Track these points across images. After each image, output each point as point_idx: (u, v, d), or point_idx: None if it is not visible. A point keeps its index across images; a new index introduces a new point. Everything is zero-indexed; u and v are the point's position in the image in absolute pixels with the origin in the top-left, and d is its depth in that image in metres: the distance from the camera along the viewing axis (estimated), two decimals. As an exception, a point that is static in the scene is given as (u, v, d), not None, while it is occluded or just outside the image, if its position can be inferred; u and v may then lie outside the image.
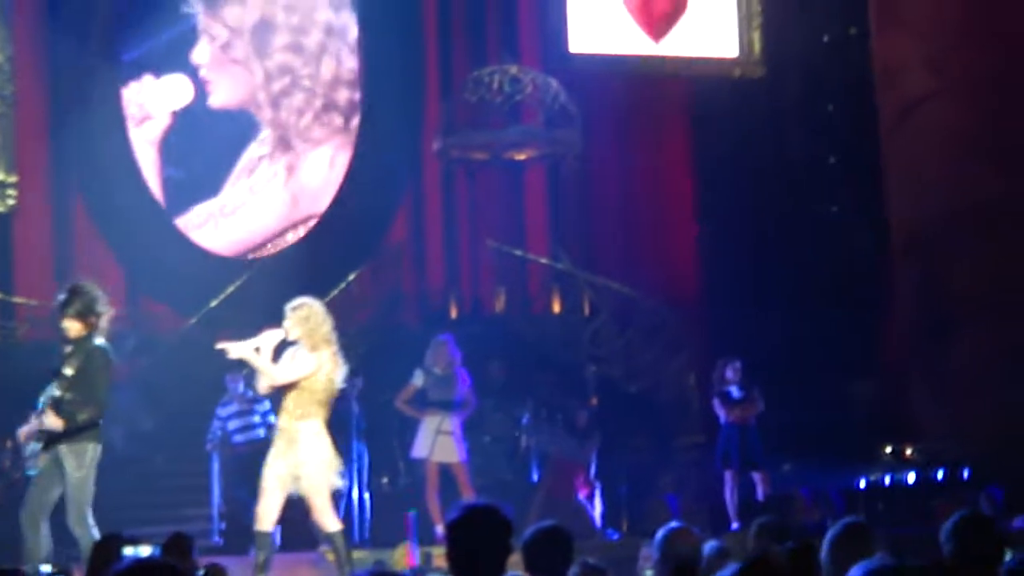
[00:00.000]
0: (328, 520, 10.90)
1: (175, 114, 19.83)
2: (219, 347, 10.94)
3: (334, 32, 20.20)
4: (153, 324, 19.12)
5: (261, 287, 13.27)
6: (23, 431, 11.30)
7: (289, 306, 11.09)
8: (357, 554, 13.75)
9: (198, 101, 19.87)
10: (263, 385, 11.06)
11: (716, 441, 15.48)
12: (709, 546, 7.31)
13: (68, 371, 10.66)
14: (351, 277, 19.05)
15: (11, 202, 19.24)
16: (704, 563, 6.97)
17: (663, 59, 20.40)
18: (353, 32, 20.21)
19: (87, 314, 10.73)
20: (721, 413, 15.38)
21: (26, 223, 19.32)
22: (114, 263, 19.37)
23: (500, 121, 18.54)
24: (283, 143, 20.15)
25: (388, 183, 20.08)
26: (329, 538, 11.01)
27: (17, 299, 18.68)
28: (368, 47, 20.13)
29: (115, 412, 16.07)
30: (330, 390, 11.05)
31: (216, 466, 15.37)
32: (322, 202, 20.20)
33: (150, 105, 19.80)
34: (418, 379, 14.82)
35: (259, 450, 12.33)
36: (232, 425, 15.55)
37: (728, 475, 15.26)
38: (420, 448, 14.72)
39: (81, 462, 10.66)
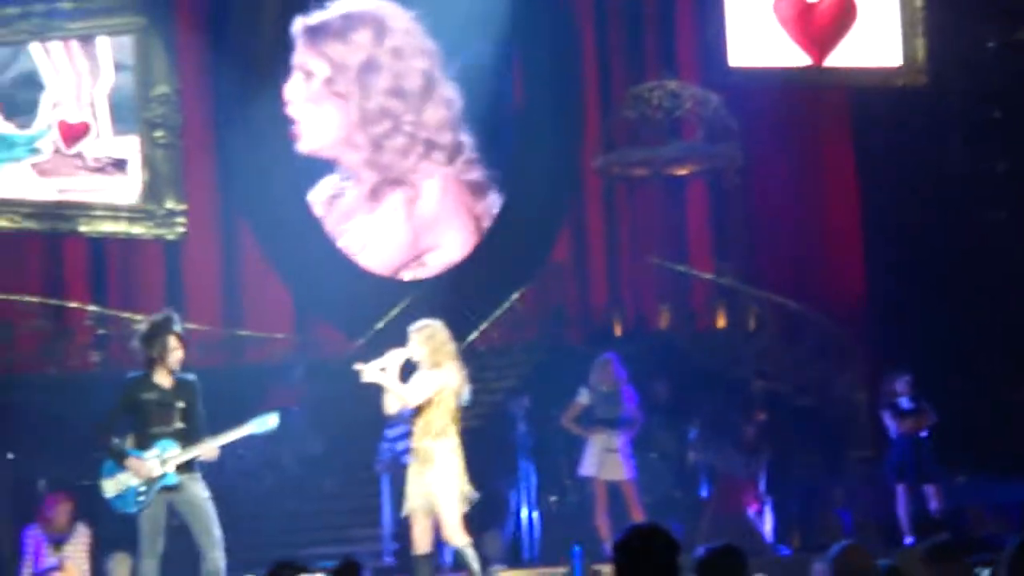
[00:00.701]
0: (456, 535, 10.92)
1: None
2: (355, 367, 11.03)
3: (435, 78, 20.28)
4: (321, 347, 19.33)
5: (426, 308, 13.34)
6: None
7: (413, 328, 11.16)
8: (526, 573, 13.80)
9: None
10: (391, 407, 11.11)
11: (887, 455, 15.26)
12: (882, 563, 7.18)
13: None
14: (515, 296, 19.09)
15: (180, 230, 19.58)
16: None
17: (824, 70, 20.19)
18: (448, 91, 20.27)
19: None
20: (892, 426, 15.16)
21: (195, 251, 19.65)
22: (281, 288, 19.62)
23: (660, 137, 18.49)
24: (389, 182, 20.29)
25: (549, 202, 20.09)
26: (458, 553, 11.01)
27: (188, 325, 18.95)
28: (527, 66, 20.17)
29: (285, 435, 16.37)
30: (457, 406, 11.07)
31: (386, 487, 15.45)
32: (441, 231, 20.28)
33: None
34: (583, 397, 14.79)
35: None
36: (401, 446, 15.61)
37: (900, 489, 15.02)
38: (588, 466, 14.68)
39: None
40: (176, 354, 10.94)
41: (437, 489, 10.85)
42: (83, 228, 19.38)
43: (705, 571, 5.96)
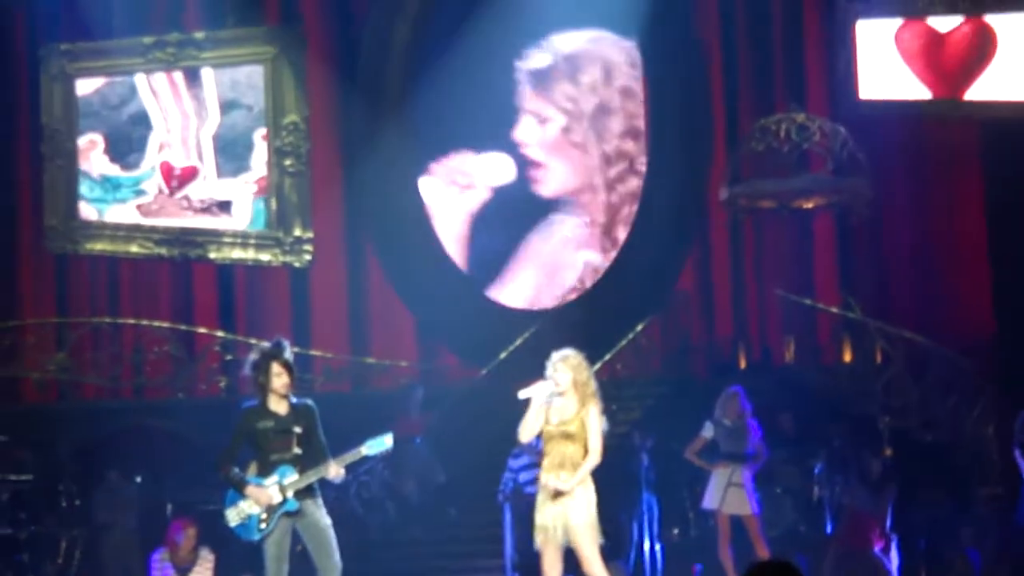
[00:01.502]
0: (597, 569, 10.87)
1: (494, 189, 20.14)
2: (521, 395, 10.99)
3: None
4: (444, 376, 19.41)
5: (551, 338, 13.35)
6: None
7: (558, 356, 11.11)
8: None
9: (518, 180, 20.18)
10: (528, 434, 11.06)
11: (1020, 494, 15.00)
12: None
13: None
14: (639, 327, 19.05)
15: (307, 258, 19.76)
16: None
17: (955, 103, 19.95)
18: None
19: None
20: (1022, 463, 14.91)
21: (321, 278, 19.82)
22: (406, 315, 19.73)
23: (788, 169, 18.38)
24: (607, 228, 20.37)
25: (676, 233, 20.05)
26: None
27: (314, 352, 19.14)
28: (654, 96, 20.16)
29: (408, 464, 16.45)
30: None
31: (508, 517, 15.45)
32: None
33: (472, 177, 20.13)
34: (707, 431, 14.72)
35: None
36: (524, 476, 15.62)
37: None
38: (711, 499, 14.60)
39: None
40: (281, 380, 10.99)
41: (576, 522, 10.83)
42: (212, 255, 19.62)
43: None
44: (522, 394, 10.94)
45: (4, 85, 19.34)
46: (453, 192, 20.13)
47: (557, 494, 10.87)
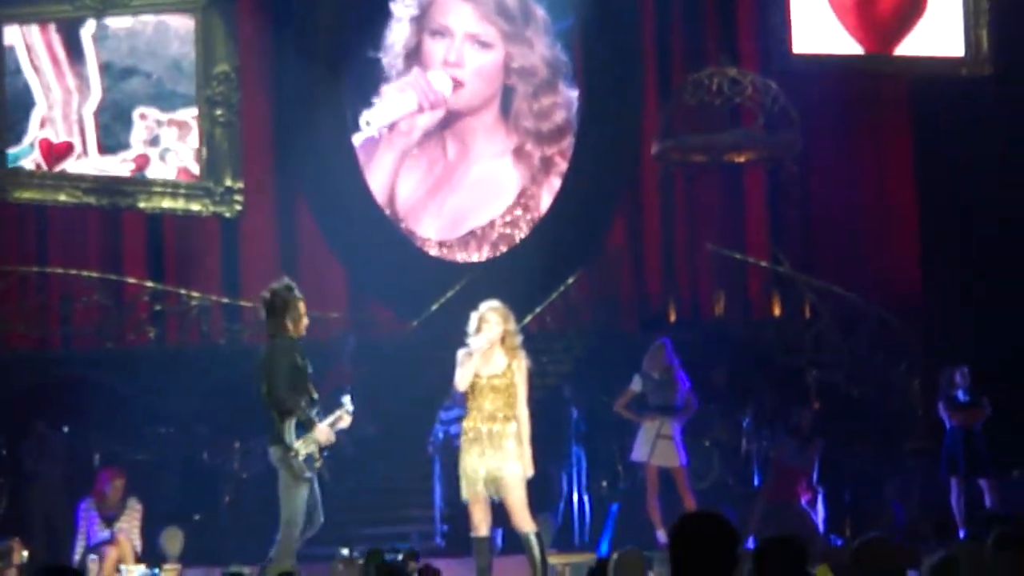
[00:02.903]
0: (525, 520, 10.91)
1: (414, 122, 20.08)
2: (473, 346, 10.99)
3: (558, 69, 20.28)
4: (375, 328, 19.38)
5: (481, 291, 13.33)
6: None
7: (489, 306, 11.10)
8: (576, 557, 13.80)
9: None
10: (464, 382, 11.05)
11: (942, 447, 15.17)
12: (937, 555, 7.06)
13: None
14: (570, 281, 19.08)
15: (238, 208, 19.66)
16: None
17: (886, 59, 20.05)
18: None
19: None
20: (947, 418, 15.08)
21: (252, 228, 19.73)
22: (337, 267, 19.68)
23: (719, 124, 18.42)
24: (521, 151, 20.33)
25: (606, 187, 20.06)
26: (524, 538, 10.99)
27: (243, 303, 19.07)
28: (586, 49, 20.13)
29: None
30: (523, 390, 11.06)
31: (438, 469, 15.50)
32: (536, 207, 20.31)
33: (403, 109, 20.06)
34: (636, 384, 14.77)
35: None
36: (454, 429, 15.66)
37: (954, 482, 14.93)
38: (640, 452, 14.67)
39: None
40: (305, 320, 10.93)
41: (507, 474, 10.85)
42: (142, 204, 19.48)
43: (765, 561, 5.90)
44: (473, 344, 10.92)
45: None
46: (396, 108, 20.03)
47: (489, 445, 10.89)
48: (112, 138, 19.36)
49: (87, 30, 19.23)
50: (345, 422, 11.02)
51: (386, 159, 20.06)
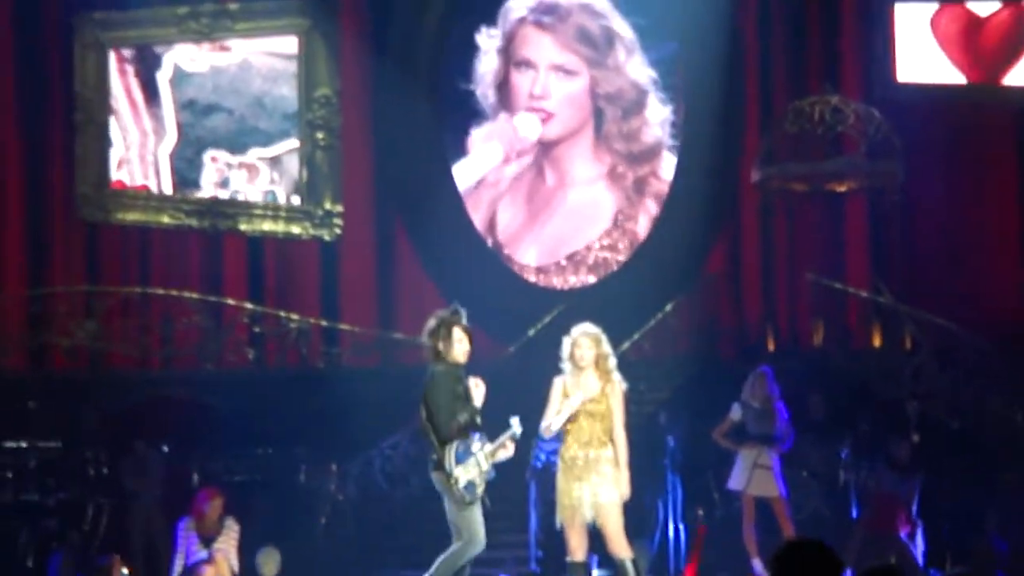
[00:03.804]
0: (622, 546, 10.86)
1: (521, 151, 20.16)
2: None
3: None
4: (472, 353, 19.35)
5: (579, 316, 13.31)
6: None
7: (581, 330, 11.07)
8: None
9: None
10: (550, 433, 11.07)
11: None
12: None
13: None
14: (668, 308, 19.00)
15: (337, 231, 19.77)
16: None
17: (992, 89, 19.85)
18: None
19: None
20: None
21: (350, 252, 19.82)
22: (434, 291, 19.72)
23: (821, 152, 18.31)
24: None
25: (705, 213, 19.99)
26: (620, 565, 10.94)
27: (342, 326, 19.16)
28: (688, 75, 20.07)
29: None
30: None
31: (534, 493, 15.45)
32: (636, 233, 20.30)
33: (502, 143, 20.16)
34: (736, 413, 14.68)
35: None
36: (552, 455, 15.61)
37: None
38: (737, 480, 14.56)
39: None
40: (463, 346, 10.94)
41: (605, 500, 10.81)
42: (243, 227, 19.64)
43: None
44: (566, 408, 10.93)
45: (37, 53, 19.35)
46: (483, 162, 20.12)
47: (586, 471, 10.85)
48: (184, 180, 19.55)
49: (164, 73, 19.42)
50: (509, 448, 11.03)
51: (483, 199, 20.20)
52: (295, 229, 19.75)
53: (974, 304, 18.95)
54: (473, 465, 10.74)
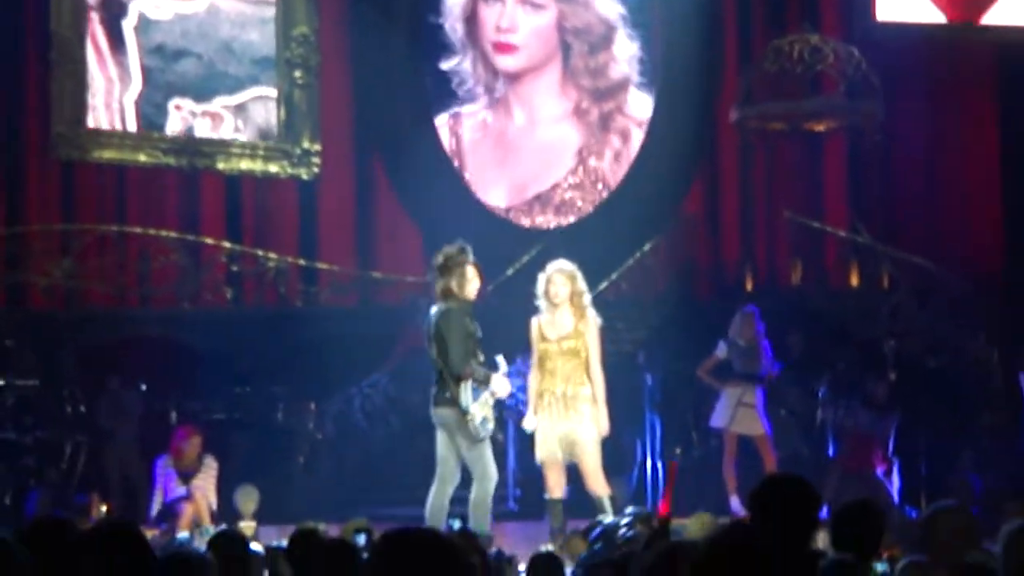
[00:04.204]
0: (600, 484, 10.89)
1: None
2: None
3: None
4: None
5: (557, 256, 13.33)
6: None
7: (556, 267, 11.07)
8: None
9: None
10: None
11: (1021, 420, 15.02)
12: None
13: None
14: (645, 248, 19.00)
15: (315, 170, 19.70)
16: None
17: (972, 28, 19.81)
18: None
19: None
20: None
21: (329, 191, 19.76)
22: (413, 230, 19.68)
23: (800, 91, 18.28)
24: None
25: (684, 153, 19.96)
26: (598, 502, 10.98)
27: (320, 265, 19.12)
28: (666, 17, 19.99)
29: (413, 378, 16.46)
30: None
31: (511, 432, 15.49)
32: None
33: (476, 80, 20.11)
34: (722, 351, 14.69)
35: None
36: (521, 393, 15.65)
37: None
38: (720, 418, 14.60)
39: None
40: (474, 284, 10.92)
41: (583, 438, 10.83)
42: (221, 165, 19.56)
43: (841, 527, 5.88)
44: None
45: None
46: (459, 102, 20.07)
47: (564, 409, 10.87)
48: (150, 126, 19.43)
49: (129, 21, 19.26)
50: (507, 386, 11.04)
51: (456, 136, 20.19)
52: (273, 168, 19.67)
53: (953, 243, 18.99)
54: (485, 402, 10.77)
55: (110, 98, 19.27)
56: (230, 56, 19.56)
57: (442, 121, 20.09)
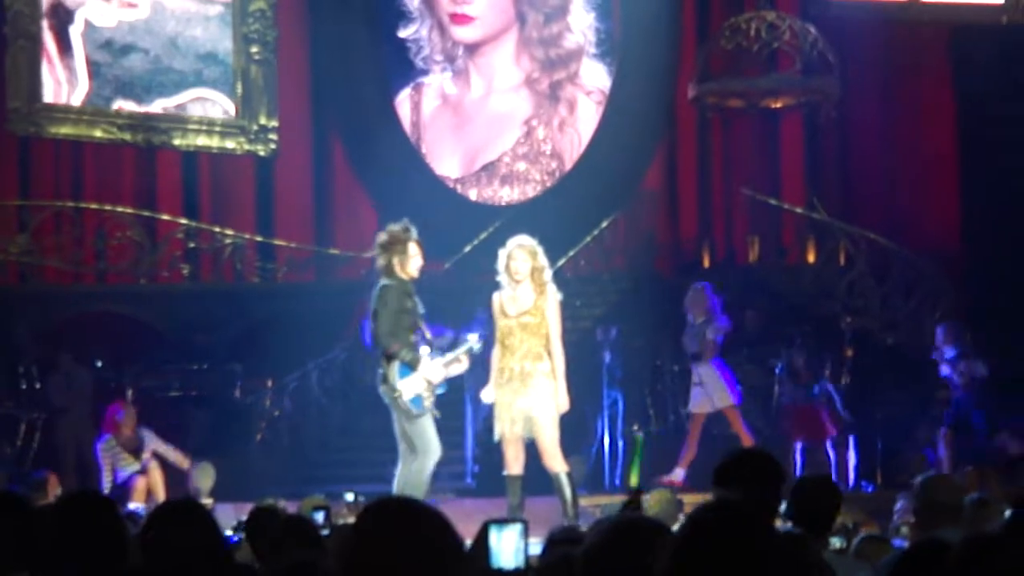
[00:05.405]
0: (556, 460, 10.91)
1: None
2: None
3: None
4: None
5: (514, 233, 13.32)
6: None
7: (517, 242, 11.07)
8: (607, 499, 13.78)
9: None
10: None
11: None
12: (970, 497, 7.07)
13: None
14: (604, 224, 19.01)
15: (272, 147, 19.63)
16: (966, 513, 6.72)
17: (924, 6, 19.89)
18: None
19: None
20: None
21: (286, 167, 19.70)
22: (370, 208, 19.64)
23: (756, 68, 18.31)
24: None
25: (642, 130, 19.97)
26: (555, 479, 10.99)
27: (277, 241, 19.07)
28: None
29: (369, 354, 16.46)
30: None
31: (470, 409, 15.48)
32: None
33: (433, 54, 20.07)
34: (711, 332, 14.57)
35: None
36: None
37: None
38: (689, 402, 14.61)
39: None
40: (416, 261, 10.92)
41: (537, 413, 10.83)
42: (177, 141, 19.47)
43: (798, 499, 5.89)
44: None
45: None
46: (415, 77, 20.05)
47: (521, 384, 10.87)
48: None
49: (76, 27, 19.16)
50: (464, 363, 11.03)
51: (414, 109, 20.14)
52: (230, 144, 19.60)
53: (910, 220, 19.06)
54: (418, 379, 10.75)
55: (57, 100, 19.21)
56: (175, 51, 19.49)
57: (404, 95, 20.05)
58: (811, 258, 18.58)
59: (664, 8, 19.81)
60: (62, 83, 19.15)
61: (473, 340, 11.09)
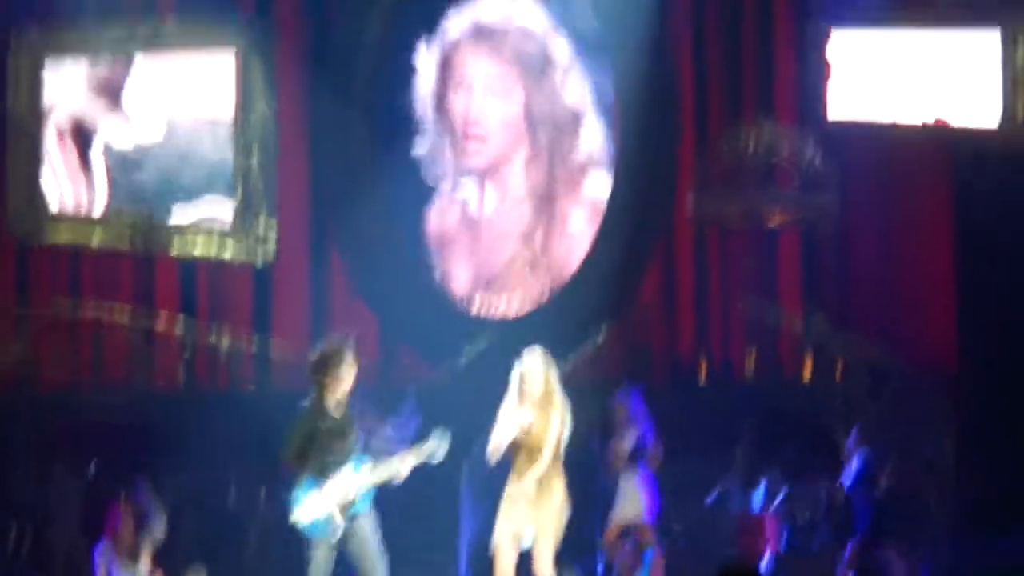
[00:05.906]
0: (548, 569, 10.85)
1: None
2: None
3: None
4: (402, 375, 19.30)
5: (511, 343, 13.33)
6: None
7: (530, 358, 11.02)
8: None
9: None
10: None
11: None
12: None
13: None
14: (600, 336, 19.00)
15: (271, 253, 19.67)
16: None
17: (922, 128, 19.98)
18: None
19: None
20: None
21: (284, 274, 19.74)
22: (368, 314, 19.63)
23: (755, 183, 18.39)
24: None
25: (639, 241, 19.98)
26: None
27: (273, 348, 19.08)
28: (622, 104, 20.04)
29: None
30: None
31: (466, 508, 15.41)
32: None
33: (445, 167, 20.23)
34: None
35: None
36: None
37: None
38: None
39: None
40: (344, 385, 10.86)
41: (541, 524, 10.77)
42: (175, 249, 19.53)
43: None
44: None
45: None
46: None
47: (524, 496, 10.81)
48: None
49: (96, 148, 19.36)
50: (401, 469, 10.93)
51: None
52: (228, 251, 19.65)
53: (907, 339, 19.05)
54: (319, 505, 10.70)
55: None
56: (185, 166, 19.64)
57: (415, 209, 20.09)
58: (807, 375, 18.56)
59: (662, 120, 19.85)
60: (72, 193, 19.29)
61: (436, 446, 11.05)
